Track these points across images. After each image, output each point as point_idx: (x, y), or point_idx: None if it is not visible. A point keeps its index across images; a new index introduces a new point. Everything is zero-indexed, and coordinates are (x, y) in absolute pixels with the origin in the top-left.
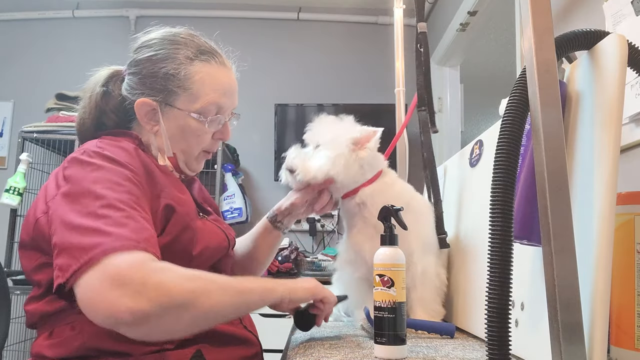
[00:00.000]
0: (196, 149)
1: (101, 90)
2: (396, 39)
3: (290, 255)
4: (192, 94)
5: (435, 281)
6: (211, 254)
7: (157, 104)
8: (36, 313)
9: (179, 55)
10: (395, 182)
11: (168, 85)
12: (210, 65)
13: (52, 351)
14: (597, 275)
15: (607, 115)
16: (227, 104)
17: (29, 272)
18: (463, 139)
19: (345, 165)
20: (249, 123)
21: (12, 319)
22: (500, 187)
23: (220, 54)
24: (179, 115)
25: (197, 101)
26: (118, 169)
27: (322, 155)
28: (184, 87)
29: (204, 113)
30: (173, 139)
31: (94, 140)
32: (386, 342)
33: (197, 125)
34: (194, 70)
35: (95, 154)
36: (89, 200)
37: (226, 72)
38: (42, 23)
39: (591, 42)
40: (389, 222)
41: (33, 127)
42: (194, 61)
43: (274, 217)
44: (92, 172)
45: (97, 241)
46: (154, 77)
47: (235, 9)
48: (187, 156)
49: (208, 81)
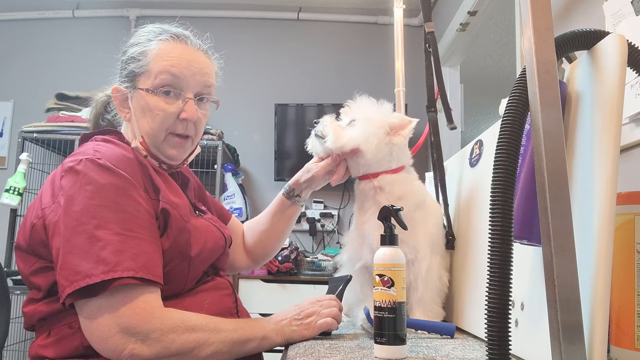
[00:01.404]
0: (159, 129)
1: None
2: (396, 39)
3: (290, 255)
4: (147, 71)
5: (437, 282)
6: (209, 254)
7: (128, 90)
8: (35, 315)
9: (142, 38)
10: (415, 180)
11: (131, 69)
12: (168, 42)
13: (50, 351)
14: (597, 275)
15: (607, 115)
16: (185, 74)
17: (27, 275)
18: (463, 138)
19: (377, 145)
20: (249, 123)
21: (12, 319)
22: (500, 187)
23: (186, 36)
24: (140, 95)
25: (151, 76)
26: (116, 181)
27: (357, 128)
28: (141, 65)
29: (157, 86)
30: (138, 120)
31: (91, 144)
32: (386, 342)
33: (154, 102)
34: (150, 48)
35: (92, 163)
36: (85, 219)
37: (184, 47)
38: (42, 23)
39: (591, 42)
40: (389, 222)
41: (33, 127)
42: (152, 41)
43: (291, 192)
44: (89, 185)
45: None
46: (124, 64)
47: (235, 9)
48: (153, 139)
49: (161, 54)
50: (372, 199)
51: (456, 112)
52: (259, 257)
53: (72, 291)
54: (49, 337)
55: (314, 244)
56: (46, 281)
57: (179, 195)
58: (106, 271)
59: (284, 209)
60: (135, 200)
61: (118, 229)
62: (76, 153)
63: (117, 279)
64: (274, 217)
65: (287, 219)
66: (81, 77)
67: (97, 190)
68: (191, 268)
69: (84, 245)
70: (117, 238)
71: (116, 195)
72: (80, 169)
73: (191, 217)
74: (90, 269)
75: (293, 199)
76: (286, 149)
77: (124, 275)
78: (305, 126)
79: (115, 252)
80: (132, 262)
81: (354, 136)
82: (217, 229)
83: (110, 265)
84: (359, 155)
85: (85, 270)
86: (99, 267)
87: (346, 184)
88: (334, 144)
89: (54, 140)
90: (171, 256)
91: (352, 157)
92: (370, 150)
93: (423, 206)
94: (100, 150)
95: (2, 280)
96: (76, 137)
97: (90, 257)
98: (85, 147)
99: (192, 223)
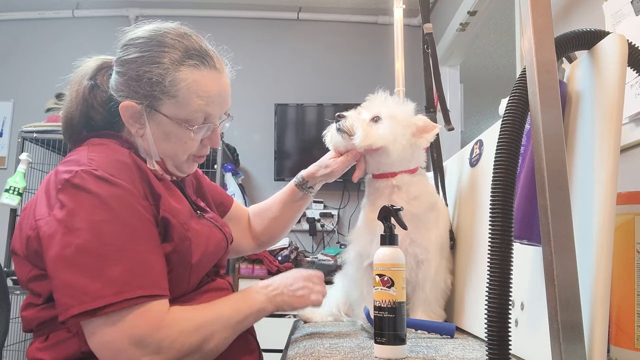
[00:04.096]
0: (183, 155)
1: (89, 83)
2: (396, 39)
3: (290, 255)
4: (177, 102)
5: (442, 284)
6: (210, 258)
7: (143, 107)
8: (34, 320)
9: (165, 59)
10: (429, 182)
11: (153, 91)
12: (199, 71)
13: (48, 355)
14: (597, 275)
15: (607, 115)
16: (216, 111)
17: (25, 282)
18: (463, 138)
19: (403, 146)
20: (249, 123)
21: (12, 319)
22: (500, 187)
23: (210, 56)
24: (164, 122)
25: (183, 109)
26: (115, 193)
27: (384, 127)
28: (169, 94)
29: (190, 121)
30: (158, 143)
31: (84, 150)
32: (386, 342)
33: (183, 133)
34: (180, 77)
35: (89, 175)
36: (89, 236)
37: (216, 76)
38: (42, 23)
39: (591, 42)
40: (389, 222)
41: (33, 127)
42: (180, 67)
43: (304, 184)
44: (89, 200)
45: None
46: (139, 81)
47: (235, 9)
48: (174, 161)
49: (195, 89)
50: (387, 197)
51: (456, 112)
52: (265, 242)
53: (81, 312)
54: (46, 340)
55: (313, 244)
56: (45, 289)
57: (180, 199)
58: (116, 292)
59: (295, 199)
60: (137, 211)
61: (124, 245)
62: (69, 161)
63: (126, 300)
64: (284, 206)
65: (297, 207)
66: None
67: (98, 206)
68: (192, 274)
69: (91, 264)
70: (124, 255)
71: (118, 208)
72: (78, 182)
73: (192, 222)
74: (99, 289)
75: (306, 190)
76: (286, 148)
77: (134, 296)
78: (305, 126)
79: (124, 271)
80: (141, 280)
81: (383, 135)
82: (219, 229)
83: (119, 286)
84: (384, 154)
85: (94, 291)
86: (108, 289)
87: (346, 183)
88: (363, 142)
89: (53, 140)
90: (172, 263)
91: (375, 155)
92: (396, 151)
93: (436, 208)
94: (95, 159)
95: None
96: None
97: (99, 277)
98: (79, 155)
99: (193, 228)
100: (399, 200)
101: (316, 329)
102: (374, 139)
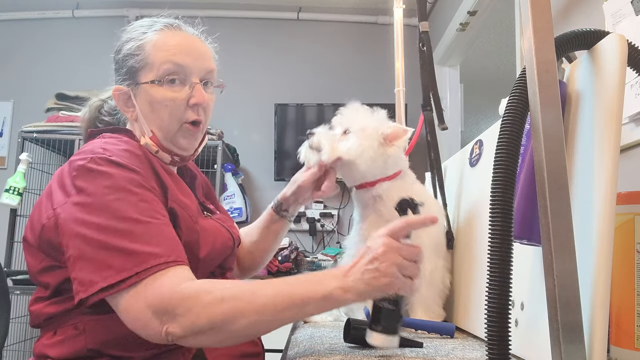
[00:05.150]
0: (171, 121)
1: (99, 102)
2: (396, 38)
3: (290, 255)
4: (148, 64)
5: (440, 284)
6: (217, 255)
7: (129, 88)
8: (41, 314)
9: (135, 33)
10: (414, 183)
11: (130, 65)
12: (163, 32)
13: (55, 351)
14: (597, 275)
15: (607, 115)
16: (187, 62)
17: (35, 273)
18: (463, 138)
19: (372, 157)
20: (249, 123)
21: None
22: (500, 187)
23: (178, 24)
24: (145, 90)
25: (153, 69)
26: (128, 175)
27: (352, 141)
28: (140, 60)
29: (161, 76)
30: (147, 117)
31: (98, 141)
32: (382, 331)
33: (161, 93)
34: (146, 40)
35: (103, 160)
36: (107, 214)
37: (180, 34)
38: (42, 23)
39: (591, 41)
40: (405, 213)
41: (33, 127)
42: (146, 34)
43: (279, 206)
44: (104, 181)
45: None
46: (120, 63)
47: (235, 9)
48: (165, 132)
49: (159, 45)
50: (371, 207)
51: (456, 112)
52: (247, 268)
53: (106, 285)
54: (54, 336)
55: (313, 244)
56: (54, 280)
57: (188, 195)
58: (138, 263)
59: (270, 223)
60: (150, 191)
61: (140, 219)
62: (83, 151)
63: (149, 269)
64: (263, 230)
65: (273, 234)
66: (81, 77)
67: (113, 185)
68: (199, 269)
69: (111, 241)
70: (141, 229)
71: (132, 188)
72: (92, 166)
73: (199, 218)
74: (123, 263)
75: (281, 213)
76: (286, 148)
77: (155, 264)
78: (305, 126)
79: (144, 243)
80: (159, 249)
81: (349, 150)
82: (226, 229)
83: (141, 257)
84: (352, 167)
85: (118, 266)
86: (130, 261)
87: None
88: (329, 157)
89: (53, 140)
90: None
91: (345, 168)
92: (364, 163)
93: (425, 209)
94: (109, 148)
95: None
96: (76, 137)
97: (120, 252)
98: (93, 145)
99: (201, 224)
100: (382, 209)
101: (316, 329)
102: (338, 153)
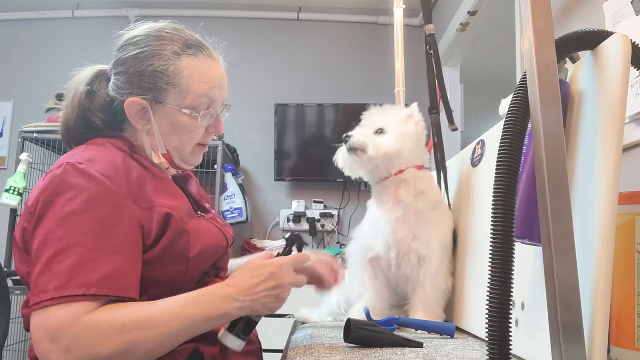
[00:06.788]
0: (189, 144)
1: (85, 89)
2: (396, 38)
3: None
4: (181, 90)
5: (443, 285)
6: (209, 255)
7: (147, 102)
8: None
9: (166, 51)
10: (435, 180)
11: (157, 83)
12: (198, 59)
13: None
14: (597, 275)
15: (609, 115)
16: (218, 95)
17: (24, 275)
18: (463, 138)
19: (414, 142)
20: (249, 123)
21: (12, 319)
22: (502, 187)
23: (207, 47)
24: (170, 112)
25: (187, 96)
26: (93, 188)
27: (390, 136)
28: (173, 83)
29: (196, 107)
30: (165, 135)
31: (81, 148)
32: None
33: (189, 121)
34: (182, 65)
35: (72, 167)
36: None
37: (214, 64)
38: (41, 23)
39: (594, 42)
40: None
41: (33, 127)
42: (181, 56)
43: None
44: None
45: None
46: (142, 76)
47: (235, 9)
48: (181, 152)
49: (197, 75)
50: (392, 193)
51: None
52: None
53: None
54: None
55: (313, 244)
56: None
57: (178, 196)
58: (57, 287)
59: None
60: (114, 210)
61: (82, 239)
62: (65, 155)
63: (67, 297)
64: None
65: None
66: None
67: (72, 198)
68: (189, 270)
69: (47, 255)
70: (78, 250)
71: (93, 202)
72: (58, 173)
73: (192, 219)
74: (45, 283)
75: None
76: (286, 148)
77: (74, 294)
78: (305, 126)
79: (72, 266)
80: (86, 277)
81: (390, 143)
82: (218, 229)
83: (62, 280)
84: (395, 158)
85: (42, 284)
86: (52, 282)
87: (346, 184)
88: (377, 153)
89: (53, 140)
90: (168, 258)
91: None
92: (407, 150)
93: (439, 207)
94: (87, 156)
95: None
96: None
97: (48, 269)
98: (75, 151)
99: (192, 225)
100: (403, 195)
101: (316, 329)
102: (384, 149)
